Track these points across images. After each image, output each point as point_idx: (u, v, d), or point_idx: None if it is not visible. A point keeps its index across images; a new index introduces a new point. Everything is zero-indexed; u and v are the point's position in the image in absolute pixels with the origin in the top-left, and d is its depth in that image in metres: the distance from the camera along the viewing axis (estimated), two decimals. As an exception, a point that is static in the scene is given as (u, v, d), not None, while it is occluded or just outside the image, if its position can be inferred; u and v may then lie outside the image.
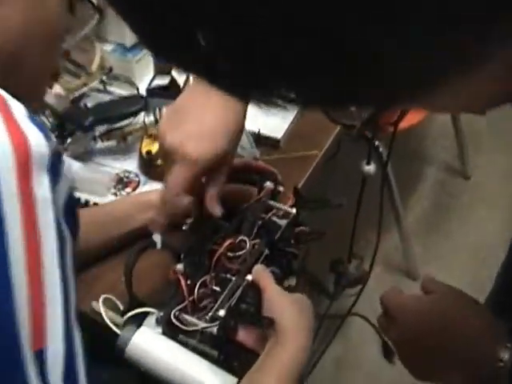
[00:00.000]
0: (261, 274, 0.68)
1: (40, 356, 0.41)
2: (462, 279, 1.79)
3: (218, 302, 0.67)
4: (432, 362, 0.57)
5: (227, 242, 0.71)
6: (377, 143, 1.43)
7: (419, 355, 0.57)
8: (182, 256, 0.71)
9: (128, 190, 0.96)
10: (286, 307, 0.63)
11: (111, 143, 1.01)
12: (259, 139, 1.01)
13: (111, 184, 0.95)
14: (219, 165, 0.71)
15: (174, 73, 1.03)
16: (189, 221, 0.74)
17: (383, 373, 1.64)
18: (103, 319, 0.70)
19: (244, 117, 0.72)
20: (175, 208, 0.71)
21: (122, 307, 0.73)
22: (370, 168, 0.81)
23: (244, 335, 0.65)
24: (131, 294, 0.69)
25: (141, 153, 0.97)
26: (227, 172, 0.73)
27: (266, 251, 0.72)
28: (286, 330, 0.61)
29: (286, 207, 0.78)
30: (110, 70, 1.11)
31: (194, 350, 0.66)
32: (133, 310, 0.68)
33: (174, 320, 0.66)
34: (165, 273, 0.71)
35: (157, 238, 0.71)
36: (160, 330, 0.67)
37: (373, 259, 0.95)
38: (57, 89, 1.07)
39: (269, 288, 0.65)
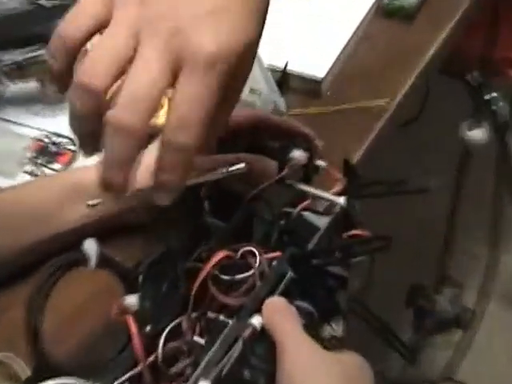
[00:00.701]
0: (279, 314, 0.63)
1: None
2: None
3: (201, 367, 0.62)
4: None
5: (219, 256, 0.66)
6: (489, 95, 1.35)
7: None
8: (138, 280, 0.66)
9: (56, 165, 0.96)
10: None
11: (28, 85, 1.00)
12: (286, 81, 1.01)
13: (26, 156, 0.95)
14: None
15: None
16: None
17: None
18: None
19: None
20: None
21: (27, 372, 0.69)
22: (478, 134, 0.82)
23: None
24: (39, 352, 0.62)
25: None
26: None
27: (290, 273, 0.67)
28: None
29: (329, 195, 0.75)
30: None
31: None
32: (42, 380, 0.62)
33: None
34: (104, 311, 0.65)
35: (90, 246, 0.64)
36: (91, 419, 0.63)
37: (484, 287, 0.88)
38: None
39: (292, 342, 0.60)
